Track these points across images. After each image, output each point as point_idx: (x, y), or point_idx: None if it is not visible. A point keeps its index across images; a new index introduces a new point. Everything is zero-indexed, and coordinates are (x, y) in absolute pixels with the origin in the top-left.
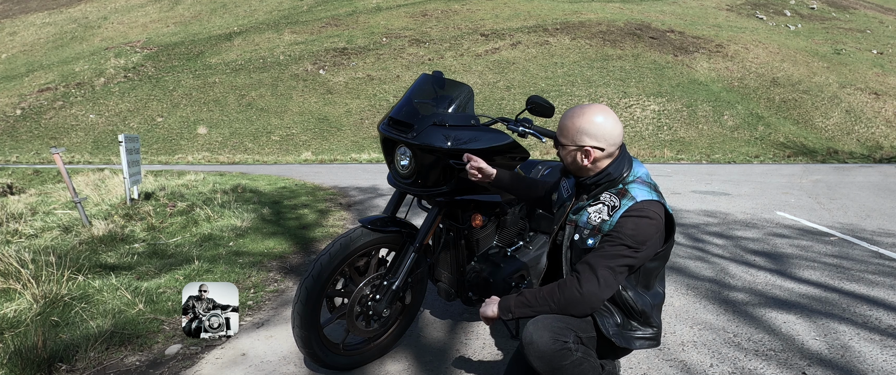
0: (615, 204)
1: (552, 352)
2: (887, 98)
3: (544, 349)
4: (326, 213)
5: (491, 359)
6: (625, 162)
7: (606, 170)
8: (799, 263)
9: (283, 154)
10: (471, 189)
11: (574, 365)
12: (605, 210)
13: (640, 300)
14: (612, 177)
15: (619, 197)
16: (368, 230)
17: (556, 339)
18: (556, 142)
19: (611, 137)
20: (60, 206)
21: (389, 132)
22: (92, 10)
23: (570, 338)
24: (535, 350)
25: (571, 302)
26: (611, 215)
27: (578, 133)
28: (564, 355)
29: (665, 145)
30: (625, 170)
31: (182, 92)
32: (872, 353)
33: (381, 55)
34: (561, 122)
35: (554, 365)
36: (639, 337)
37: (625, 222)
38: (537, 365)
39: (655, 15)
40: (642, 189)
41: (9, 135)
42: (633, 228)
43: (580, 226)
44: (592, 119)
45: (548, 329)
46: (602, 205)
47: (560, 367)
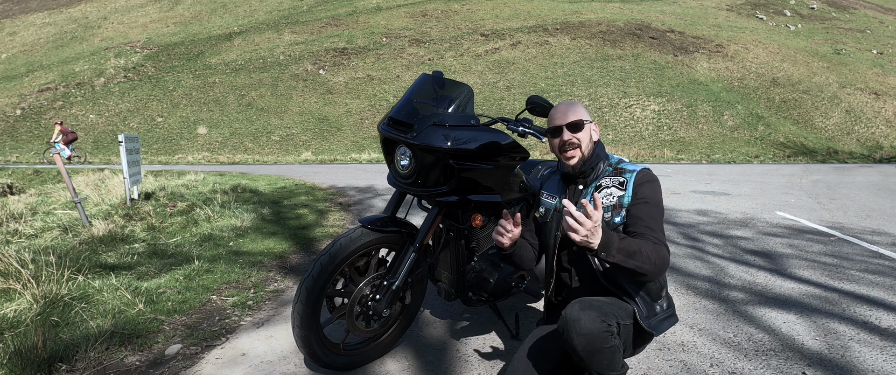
0: (622, 180)
1: (597, 333)
2: (887, 98)
3: (591, 328)
4: (326, 213)
5: (491, 359)
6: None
7: (596, 151)
8: (798, 263)
9: (283, 154)
10: (471, 189)
11: (611, 352)
12: (615, 190)
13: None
14: (600, 159)
15: (620, 175)
16: (368, 230)
17: (603, 320)
18: (559, 130)
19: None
20: (60, 206)
21: (389, 132)
22: (92, 10)
23: (613, 324)
24: (581, 327)
25: (662, 267)
26: (624, 189)
27: (583, 112)
28: (606, 338)
29: (665, 145)
30: (606, 158)
31: (182, 92)
32: (872, 353)
33: (381, 55)
34: (559, 113)
35: (595, 346)
36: (663, 319)
37: (640, 188)
38: (578, 343)
39: (655, 15)
40: (629, 164)
41: (9, 135)
42: (650, 190)
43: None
44: (579, 106)
45: (596, 309)
46: (609, 188)
47: (599, 349)
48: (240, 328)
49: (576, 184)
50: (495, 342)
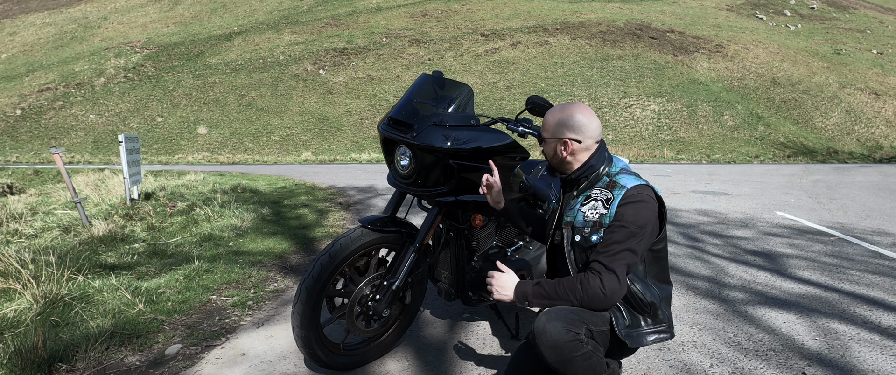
0: (609, 197)
1: (564, 343)
2: (887, 98)
3: (557, 339)
4: (326, 213)
5: (491, 359)
6: (604, 156)
7: (588, 162)
8: (798, 263)
9: (283, 154)
10: (471, 189)
11: (584, 358)
12: (600, 205)
13: (648, 292)
14: (595, 170)
15: (610, 190)
16: (368, 230)
17: (568, 330)
18: (540, 138)
19: (588, 131)
20: (60, 206)
21: (389, 132)
22: (92, 10)
23: (582, 331)
24: (547, 339)
25: (595, 299)
26: (608, 207)
27: (558, 126)
28: (576, 346)
29: (665, 145)
30: (606, 165)
31: (182, 92)
32: (872, 353)
33: (381, 55)
34: (544, 119)
35: (564, 357)
36: (649, 333)
37: (624, 210)
38: (548, 355)
39: (655, 15)
40: (628, 177)
41: (9, 135)
42: (633, 214)
43: (577, 227)
44: (571, 114)
45: (561, 319)
46: (595, 202)
47: (570, 359)
48: (240, 328)
49: (570, 190)
50: (495, 342)
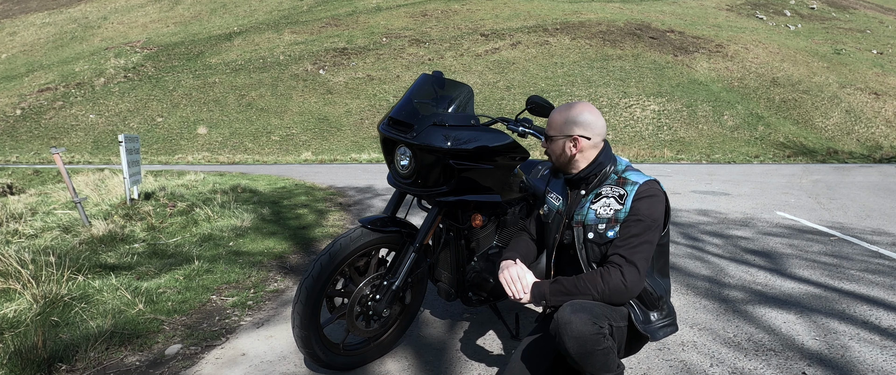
0: (622, 193)
1: (589, 335)
2: (887, 98)
3: (582, 330)
4: (326, 213)
5: (491, 359)
6: (610, 154)
7: (597, 160)
8: (798, 263)
9: (283, 154)
10: (471, 189)
11: (603, 353)
12: (613, 201)
13: (657, 286)
14: (603, 167)
15: (622, 186)
16: (368, 230)
17: (594, 323)
18: (546, 137)
19: (596, 128)
20: (60, 206)
21: (389, 132)
22: (92, 10)
23: (605, 325)
24: (572, 330)
25: (616, 292)
26: (622, 203)
27: (567, 123)
28: (599, 340)
29: (665, 145)
30: (612, 163)
31: (182, 92)
32: (872, 353)
33: (381, 55)
34: (549, 119)
35: (587, 349)
36: (660, 327)
37: (639, 205)
38: (570, 346)
39: (655, 15)
40: (636, 173)
41: (9, 135)
42: (648, 208)
43: (589, 225)
44: (579, 111)
45: (586, 311)
46: (607, 199)
47: (592, 352)
48: (240, 328)
49: (578, 189)
50: (495, 342)
